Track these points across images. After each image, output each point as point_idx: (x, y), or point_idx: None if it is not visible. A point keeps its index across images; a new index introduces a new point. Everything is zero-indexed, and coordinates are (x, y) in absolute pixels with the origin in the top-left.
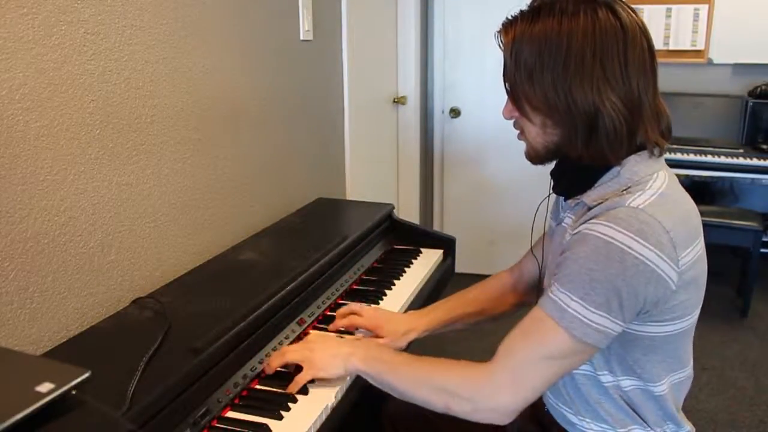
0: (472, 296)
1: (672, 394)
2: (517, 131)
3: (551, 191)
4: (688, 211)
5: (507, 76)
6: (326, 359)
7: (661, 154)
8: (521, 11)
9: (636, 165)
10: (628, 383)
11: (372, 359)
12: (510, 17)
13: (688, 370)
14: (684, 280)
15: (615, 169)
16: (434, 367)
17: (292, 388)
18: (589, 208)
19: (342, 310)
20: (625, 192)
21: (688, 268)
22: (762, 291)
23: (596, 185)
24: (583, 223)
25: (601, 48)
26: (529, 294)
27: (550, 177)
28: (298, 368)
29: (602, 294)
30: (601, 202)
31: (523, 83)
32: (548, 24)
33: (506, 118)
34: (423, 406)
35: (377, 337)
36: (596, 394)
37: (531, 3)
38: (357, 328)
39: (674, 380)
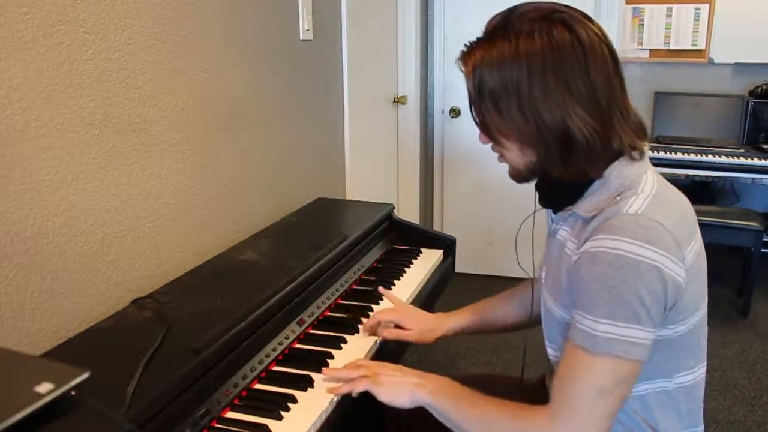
0: (499, 299)
1: (686, 387)
2: (497, 154)
3: (537, 205)
4: (683, 207)
5: (473, 107)
6: (393, 387)
7: (642, 156)
8: (478, 38)
9: (623, 170)
10: (643, 387)
11: (439, 394)
12: (468, 44)
13: (704, 367)
14: (690, 275)
15: (604, 175)
16: (500, 413)
17: (330, 371)
18: (585, 220)
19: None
20: (618, 198)
21: (692, 264)
22: (762, 291)
23: (585, 195)
24: (586, 241)
25: (561, 65)
26: None
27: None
28: (306, 363)
29: (628, 307)
30: (596, 213)
31: (490, 113)
32: (505, 48)
33: (483, 143)
34: None
35: (399, 328)
36: None
37: (486, 26)
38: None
39: (689, 373)
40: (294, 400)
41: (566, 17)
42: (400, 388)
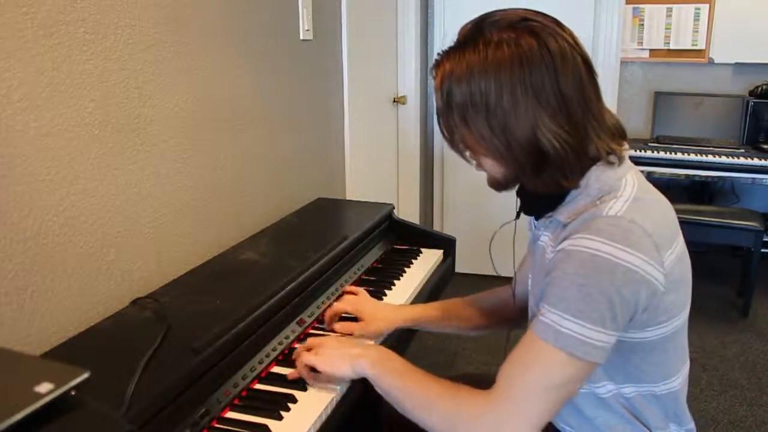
0: (468, 300)
1: (674, 392)
2: (474, 162)
3: (518, 212)
4: (664, 210)
5: (441, 121)
6: (335, 357)
7: (620, 162)
8: (449, 47)
9: (601, 174)
10: (630, 390)
11: (381, 365)
12: (439, 54)
13: (687, 366)
14: (671, 280)
15: (581, 183)
16: (440, 393)
17: (293, 374)
18: (565, 225)
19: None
20: (599, 202)
21: (673, 268)
22: (762, 291)
23: (566, 201)
24: (564, 239)
25: (529, 77)
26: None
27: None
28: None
29: (596, 309)
30: (576, 218)
31: (458, 127)
32: (473, 59)
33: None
34: (420, 425)
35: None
36: (593, 408)
37: (457, 34)
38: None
39: (676, 378)
40: (294, 400)
41: (534, 26)
42: (339, 360)
